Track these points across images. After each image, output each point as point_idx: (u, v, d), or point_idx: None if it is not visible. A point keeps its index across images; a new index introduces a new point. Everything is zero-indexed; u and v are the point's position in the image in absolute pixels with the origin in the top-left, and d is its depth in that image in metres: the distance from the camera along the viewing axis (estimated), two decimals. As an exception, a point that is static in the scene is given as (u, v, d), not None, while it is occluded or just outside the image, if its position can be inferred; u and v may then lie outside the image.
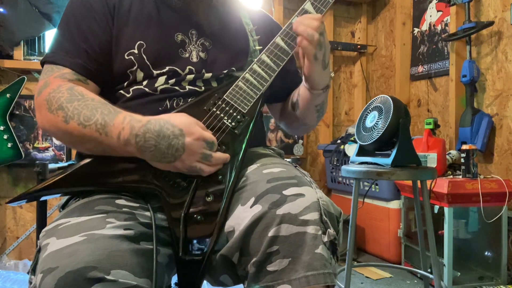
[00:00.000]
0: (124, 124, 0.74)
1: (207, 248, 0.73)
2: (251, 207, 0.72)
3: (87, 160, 0.78)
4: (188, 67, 0.90)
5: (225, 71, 0.92)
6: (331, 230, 0.71)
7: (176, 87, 0.88)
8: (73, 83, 0.82)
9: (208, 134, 0.77)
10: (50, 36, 2.59)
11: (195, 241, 0.75)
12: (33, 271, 0.67)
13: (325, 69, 0.90)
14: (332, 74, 0.95)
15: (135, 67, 0.87)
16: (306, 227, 0.68)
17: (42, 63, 0.86)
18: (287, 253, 0.68)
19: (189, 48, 0.91)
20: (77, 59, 0.84)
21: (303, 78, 0.93)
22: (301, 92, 0.98)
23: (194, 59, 0.91)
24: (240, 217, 0.73)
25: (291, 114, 1.05)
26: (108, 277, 0.61)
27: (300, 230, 0.68)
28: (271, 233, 0.68)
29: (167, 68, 0.88)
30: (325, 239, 0.69)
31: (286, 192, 0.72)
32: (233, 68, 0.93)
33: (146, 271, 0.67)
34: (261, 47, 0.97)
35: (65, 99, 0.77)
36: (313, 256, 0.67)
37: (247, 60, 0.96)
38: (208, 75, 0.91)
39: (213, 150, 0.77)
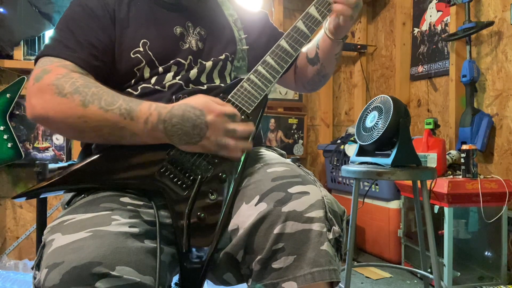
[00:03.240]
0: (151, 110, 0.76)
1: (210, 247, 0.73)
2: (256, 205, 0.73)
3: (92, 158, 0.78)
4: (189, 57, 0.93)
5: (221, 57, 0.96)
6: (336, 228, 0.72)
7: (182, 83, 0.91)
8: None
9: (228, 108, 0.79)
10: (49, 36, 2.59)
11: (198, 240, 0.75)
12: (37, 266, 0.68)
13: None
14: None
15: (142, 64, 0.89)
16: (311, 224, 0.69)
17: (37, 58, 0.85)
18: (292, 250, 0.68)
19: (188, 39, 0.95)
20: (78, 53, 0.84)
21: (329, 30, 1.00)
22: (321, 45, 1.05)
23: (194, 48, 0.95)
24: (245, 215, 0.73)
25: (309, 70, 1.10)
26: (113, 273, 0.62)
27: (305, 227, 0.69)
28: (276, 230, 0.69)
29: (171, 61, 0.91)
30: (330, 236, 0.70)
31: (291, 190, 0.73)
32: (227, 53, 0.98)
33: (149, 268, 0.67)
34: (246, 35, 1.05)
35: (81, 84, 0.77)
36: (318, 253, 0.68)
37: (237, 47, 1.01)
38: (209, 64, 0.94)
39: (236, 121, 0.79)
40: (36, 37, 2.50)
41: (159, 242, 0.71)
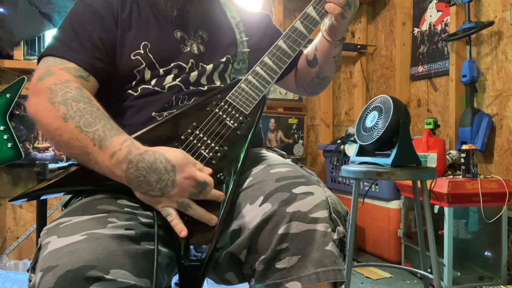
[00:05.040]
0: (122, 145, 0.71)
1: (209, 248, 0.73)
2: (260, 205, 0.73)
3: None
4: (190, 60, 0.93)
5: (222, 60, 0.96)
6: (340, 228, 0.72)
7: (182, 85, 0.91)
8: (77, 80, 0.81)
9: (201, 174, 0.72)
10: (50, 36, 2.59)
11: (196, 240, 0.75)
12: (32, 269, 0.67)
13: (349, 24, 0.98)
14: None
15: (142, 66, 0.89)
16: (316, 224, 0.69)
17: (41, 57, 0.85)
18: (296, 251, 0.69)
19: (189, 43, 0.95)
20: (82, 55, 0.84)
21: (326, 31, 1.00)
22: (319, 47, 1.04)
23: (195, 51, 0.95)
24: (249, 215, 0.73)
25: (309, 73, 1.10)
26: (107, 277, 0.62)
27: (310, 227, 0.69)
28: (281, 230, 0.69)
29: (172, 64, 0.91)
30: (335, 236, 0.71)
31: (296, 190, 0.73)
32: (229, 56, 0.98)
33: (145, 271, 0.67)
34: (247, 38, 1.04)
35: (71, 96, 0.76)
36: (323, 253, 0.68)
37: (237, 50, 1.00)
38: (209, 67, 0.94)
39: (205, 191, 0.72)
40: (36, 37, 2.51)
41: (156, 244, 0.70)
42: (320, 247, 0.68)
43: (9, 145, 2.23)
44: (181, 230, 0.70)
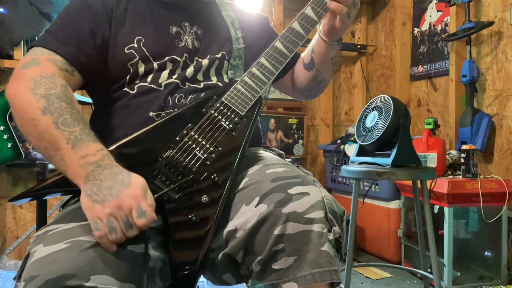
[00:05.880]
0: (98, 152, 0.71)
1: (202, 250, 0.73)
2: (256, 206, 0.72)
3: None
4: (184, 54, 0.93)
5: (218, 55, 0.97)
6: (336, 228, 0.72)
7: (178, 82, 0.91)
8: (61, 73, 0.82)
9: (146, 205, 0.68)
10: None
11: (190, 242, 0.74)
12: (19, 277, 0.68)
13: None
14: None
15: (135, 59, 0.89)
16: (311, 225, 0.69)
17: (30, 47, 0.85)
18: (292, 251, 0.68)
19: (184, 38, 0.95)
20: (69, 48, 0.85)
21: (324, 32, 0.98)
22: (316, 49, 1.03)
23: (190, 46, 0.95)
24: (245, 216, 0.73)
25: (306, 76, 1.08)
26: (87, 284, 0.61)
27: (305, 228, 0.69)
28: (277, 231, 0.69)
29: (166, 58, 0.91)
30: (331, 236, 0.70)
31: (291, 191, 0.72)
32: (224, 52, 0.98)
33: (130, 276, 0.67)
34: (243, 34, 1.04)
35: (55, 93, 0.76)
36: (319, 254, 0.68)
37: (233, 46, 1.01)
38: (205, 62, 0.94)
39: (138, 221, 0.66)
40: (36, 37, 2.50)
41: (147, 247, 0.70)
42: (316, 247, 0.68)
43: (9, 145, 2.23)
44: (108, 247, 0.66)
